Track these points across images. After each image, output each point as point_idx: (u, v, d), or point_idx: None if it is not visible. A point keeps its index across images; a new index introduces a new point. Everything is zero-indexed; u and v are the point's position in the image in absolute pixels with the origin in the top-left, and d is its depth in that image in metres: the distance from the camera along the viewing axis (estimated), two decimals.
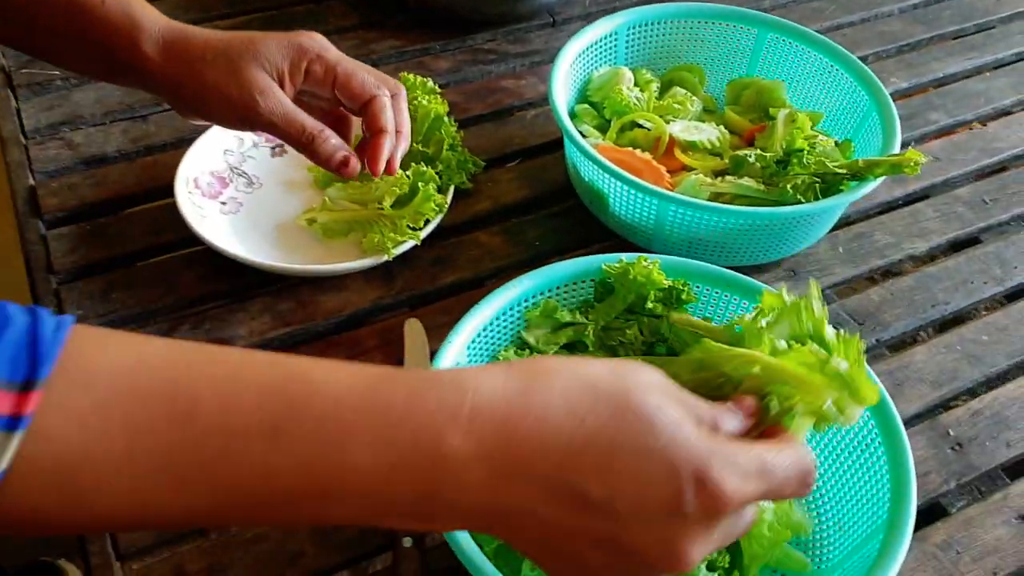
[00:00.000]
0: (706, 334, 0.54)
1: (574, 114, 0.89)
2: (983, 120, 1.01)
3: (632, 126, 0.86)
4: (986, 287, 0.82)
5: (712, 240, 0.76)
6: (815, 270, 0.82)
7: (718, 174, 0.81)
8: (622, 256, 0.65)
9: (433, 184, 0.77)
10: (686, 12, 0.93)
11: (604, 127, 0.88)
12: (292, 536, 0.60)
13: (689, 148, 0.84)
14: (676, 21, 0.93)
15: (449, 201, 0.79)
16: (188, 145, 0.81)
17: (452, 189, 0.81)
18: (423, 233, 0.76)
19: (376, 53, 1.01)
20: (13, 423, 0.31)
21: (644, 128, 0.86)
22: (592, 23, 0.89)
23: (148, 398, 0.34)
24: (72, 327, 0.34)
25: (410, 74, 0.83)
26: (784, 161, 0.78)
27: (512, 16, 1.06)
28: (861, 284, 0.82)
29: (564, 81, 0.84)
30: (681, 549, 0.36)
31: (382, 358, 0.71)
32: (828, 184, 0.76)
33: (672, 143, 0.84)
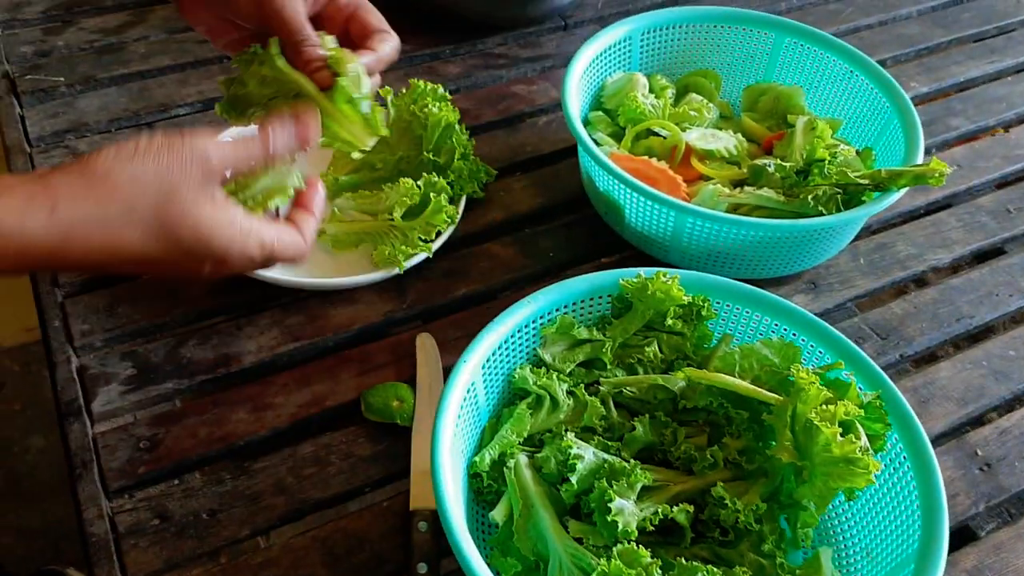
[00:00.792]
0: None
1: (588, 122, 0.87)
2: (1005, 126, 0.99)
3: (647, 134, 0.84)
4: (1011, 300, 0.80)
5: (731, 252, 0.74)
6: (836, 282, 0.80)
7: (736, 184, 0.79)
8: (640, 271, 0.63)
9: (445, 195, 0.75)
10: (702, 16, 0.90)
11: (618, 135, 0.86)
12: (303, 560, 0.59)
13: (706, 157, 0.82)
14: (692, 25, 0.91)
15: (461, 211, 0.78)
16: None
17: (464, 199, 0.79)
18: (435, 245, 0.75)
19: None
20: None
21: (660, 136, 0.84)
22: (605, 27, 0.87)
23: None
24: None
25: (420, 80, 0.81)
26: (804, 171, 0.76)
27: (523, 20, 1.04)
28: (883, 297, 0.80)
29: (577, 88, 0.82)
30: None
31: (394, 374, 0.69)
32: (850, 195, 0.74)
33: (688, 151, 0.82)
